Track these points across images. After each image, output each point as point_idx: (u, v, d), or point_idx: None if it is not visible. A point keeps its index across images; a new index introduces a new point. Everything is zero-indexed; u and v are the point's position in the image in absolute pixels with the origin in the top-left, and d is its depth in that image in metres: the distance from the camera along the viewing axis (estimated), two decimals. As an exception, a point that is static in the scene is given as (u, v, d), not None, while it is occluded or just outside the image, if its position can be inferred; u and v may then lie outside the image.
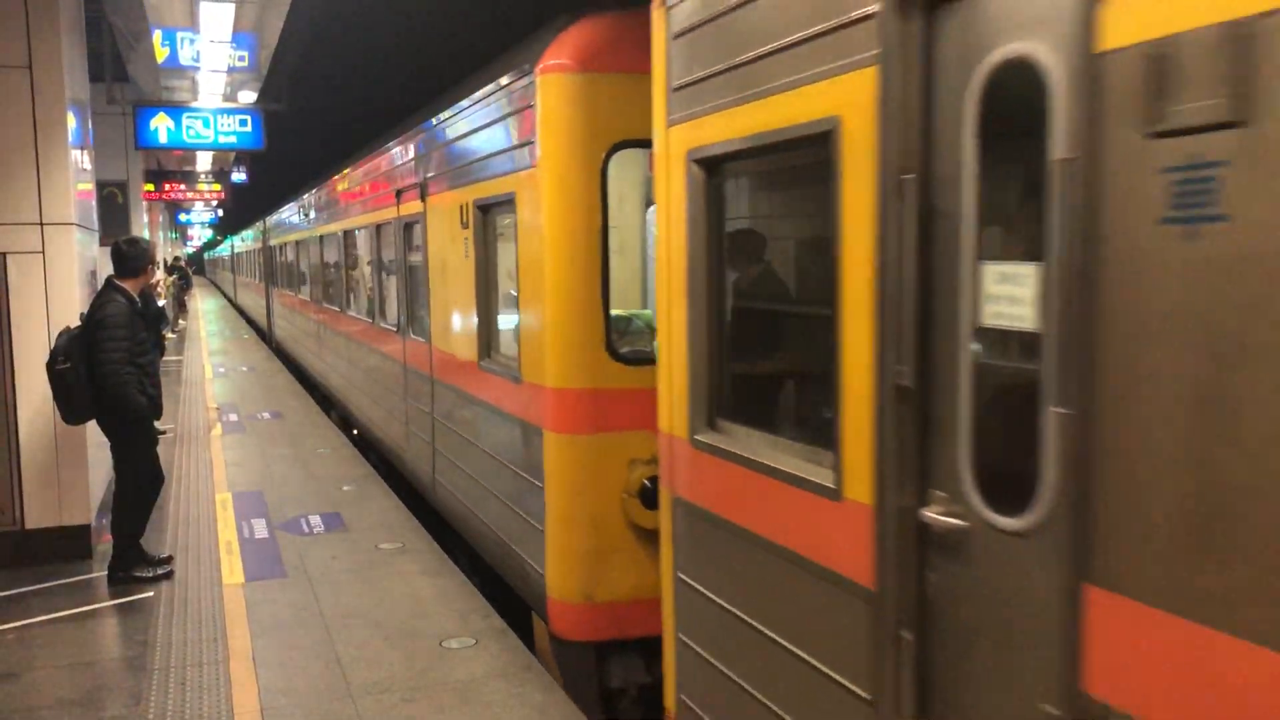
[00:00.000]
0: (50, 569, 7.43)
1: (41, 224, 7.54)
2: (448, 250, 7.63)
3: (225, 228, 59.16)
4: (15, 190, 7.46)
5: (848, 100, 2.99)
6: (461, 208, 7.16)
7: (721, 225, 3.99)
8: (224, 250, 58.30)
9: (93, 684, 5.58)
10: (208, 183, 24.61)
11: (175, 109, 12.73)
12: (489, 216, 6.78)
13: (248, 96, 14.12)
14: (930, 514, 2.77)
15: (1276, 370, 1.85)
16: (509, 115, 6.15)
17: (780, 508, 3.45)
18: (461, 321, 7.34)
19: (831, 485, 3.15)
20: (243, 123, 12.85)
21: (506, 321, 6.76)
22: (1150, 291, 2.09)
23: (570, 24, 5.54)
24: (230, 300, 47.44)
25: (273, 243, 23.25)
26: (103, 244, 9.57)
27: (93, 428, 7.46)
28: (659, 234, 4.35)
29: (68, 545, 7.65)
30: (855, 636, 3.04)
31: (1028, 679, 2.45)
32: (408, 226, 9.08)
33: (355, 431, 12.87)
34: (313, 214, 16.13)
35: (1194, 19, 1.97)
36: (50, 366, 6.84)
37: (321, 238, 15.03)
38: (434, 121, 8.01)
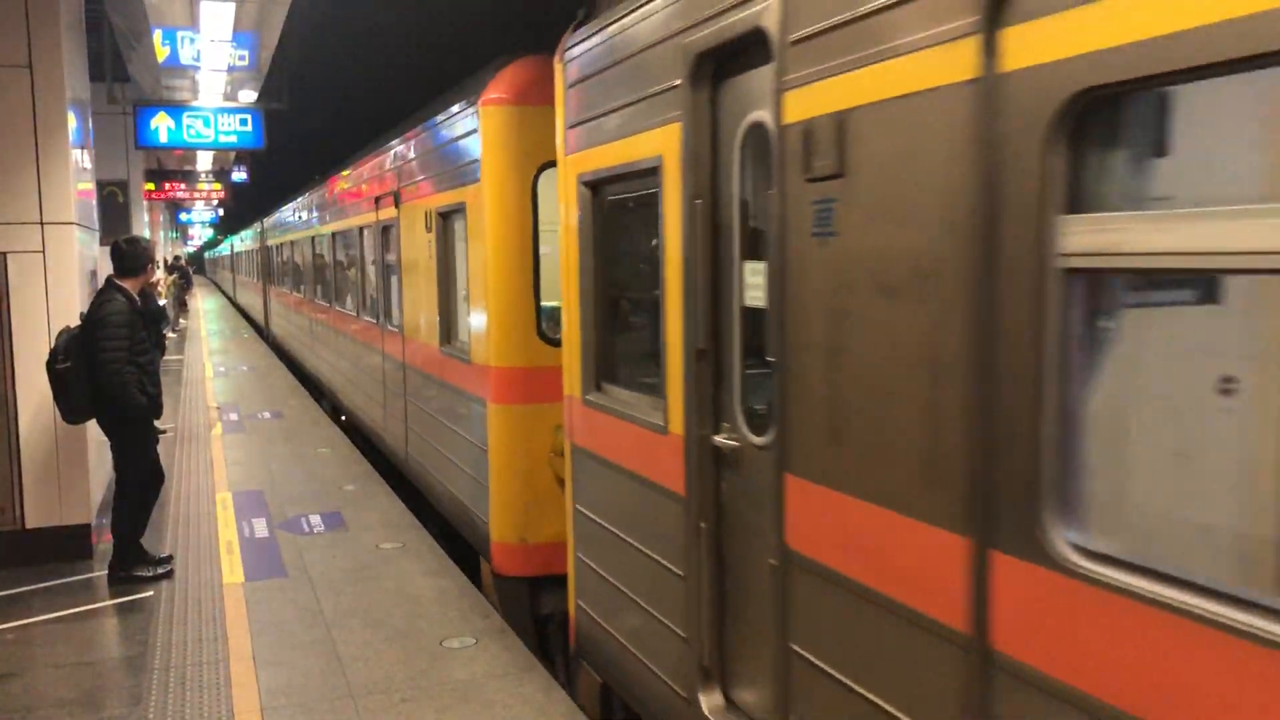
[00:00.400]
0: (50, 568, 7.43)
1: (42, 223, 7.54)
2: (416, 251, 8.84)
3: (226, 227, 59.17)
4: (15, 190, 7.46)
5: (665, 145, 4.10)
6: (426, 214, 8.36)
7: (603, 232, 5.01)
8: (224, 250, 59.90)
9: (92, 684, 5.58)
10: (208, 182, 24.59)
11: (176, 108, 12.72)
12: (447, 222, 7.93)
13: (248, 96, 14.10)
14: (719, 439, 3.89)
15: (864, 326, 2.93)
16: (460, 138, 7.32)
17: (633, 444, 4.56)
18: (427, 313, 8.55)
19: (661, 423, 4.25)
20: (243, 122, 12.84)
21: (461, 312, 7.80)
22: (806, 280, 3.18)
23: (507, 64, 6.77)
24: (230, 299, 48.61)
25: (270, 243, 24.71)
26: (103, 243, 9.57)
27: (93, 427, 7.46)
28: (561, 239, 5.42)
29: (68, 544, 7.65)
30: (675, 531, 4.15)
31: (766, 543, 3.52)
32: (385, 230, 10.24)
33: (344, 418, 13.95)
34: (305, 217, 17.33)
35: (821, 109, 3.04)
36: (50, 366, 6.84)
37: (313, 239, 16.25)
38: (404, 138, 9.32)
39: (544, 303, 6.59)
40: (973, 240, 2.48)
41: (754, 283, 3.63)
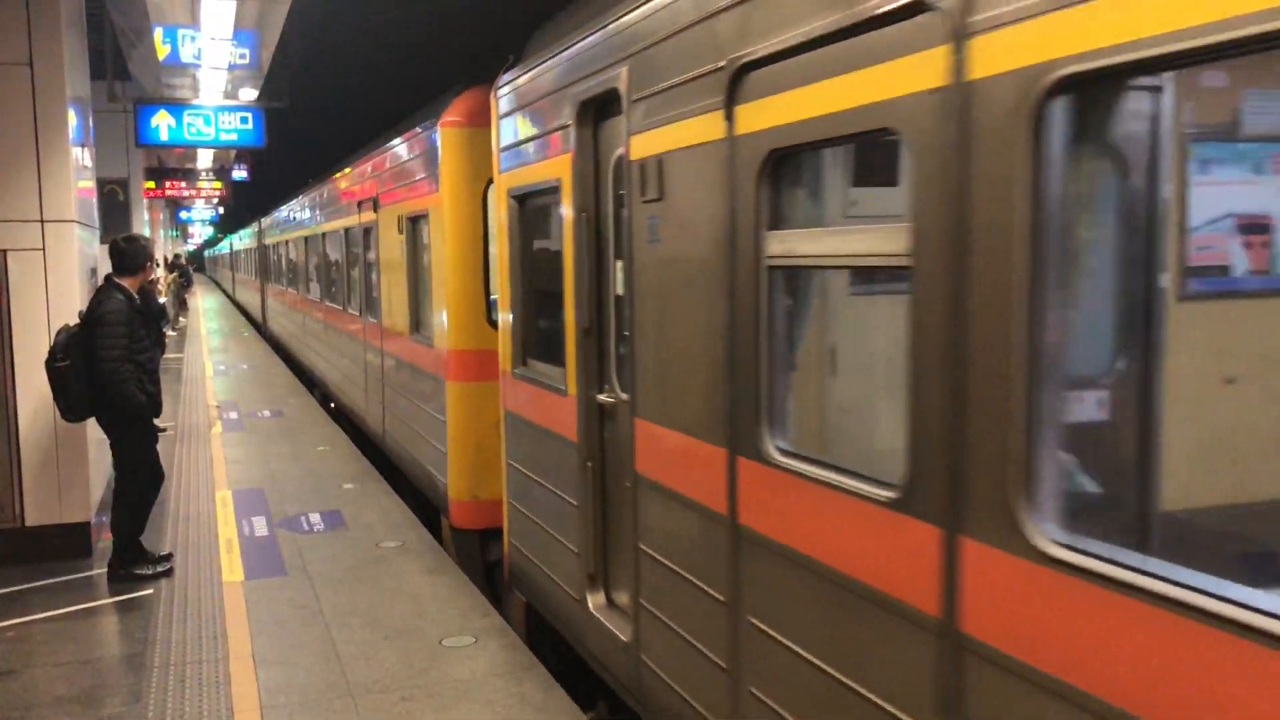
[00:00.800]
0: (50, 566, 7.43)
1: (42, 221, 7.54)
2: (390, 251, 10.06)
3: (226, 225, 59.15)
4: (16, 187, 7.45)
5: (563, 170, 5.22)
6: (399, 218, 9.52)
7: (525, 236, 6.17)
8: (223, 248, 61.15)
9: (92, 682, 5.58)
10: (208, 180, 24.57)
11: (176, 106, 12.70)
12: (415, 226, 9.07)
13: (249, 94, 14.09)
14: (601, 398, 4.97)
15: (675, 308, 4.02)
16: (424, 153, 8.50)
17: (545, 406, 5.64)
18: (399, 305, 9.77)
19: (562, 388, 5.31)
20: (244, 120, 12.82)
21: (426, 304, 8.87)
22: (643, 275, 4.32)
23: (463, 91, 7.86)
24: (229, 296, 49.34)
25: (267, 242, 26.10)
26: (103, 241, 9.56)
27: (93, 425, 7.46)
28: (497, 242, 6.66)
29: (67, 543, 7.64)
30: (571, 471, 5.21)
31: (627, 472, 4.57)
32: (366, 231, 11.45)
33: (333, 405, 15.00)
34: (298, 218, 18.63)
35: (651, 150, 4.16)
36: (49, 364, 6.84)
37: (305, 239, 17.49)
38: (381, 150, 10.49)
39: (494, 295, 7.47)
40: (725, 247, 3.64)
41: (619, 277, 4.67)
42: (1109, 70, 2.09)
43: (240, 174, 25.85)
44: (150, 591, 6.94)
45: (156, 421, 7.44)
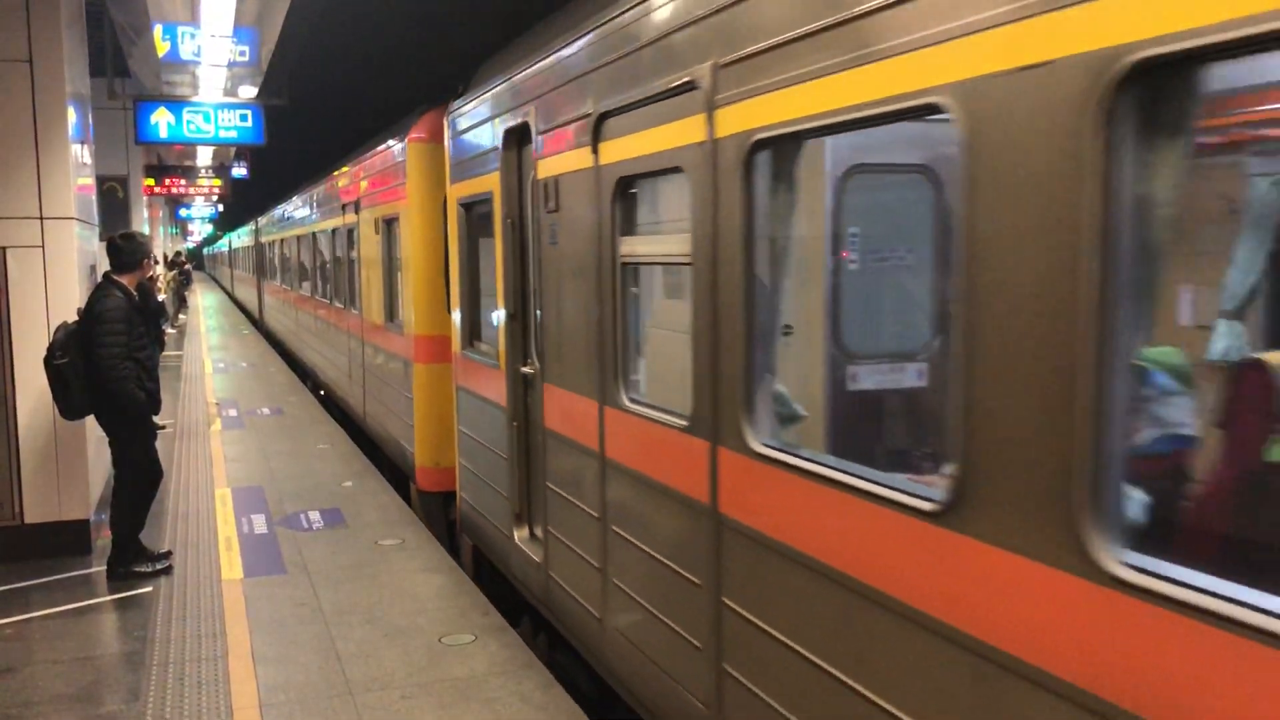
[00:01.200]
0: (49, 564, 7.43)
1: (41, 218, 7.53)
2: (369, 249, 11.30)
3: (226, 223, 59.12)
4: (15, 185, 7.44)
5: (494, 185, 6.44)
6: (376, 221, 10.83)
7: (471, 238, 7.41)
8: (222, 245, 62.29)
9: (91, 679, 5.57)
10: (208, 178, 24.53)
11: (176, 104, 12.68)
12: (389, 227, 10.26)
13: (248, 91, 14.08)
14: (524, 369, 6.08)
15: (567, 295, 5.20)
16: (395, 164, 9.77)
17: (483, 379, 6.91)
18: (376, 297, 11.04)
19: (496, 363, 6.56)
20: (243, 118, 12.79)
21: (397, 296, 10.19)
22: (547, 269, 5.48)
23: (427, 111, 9.10)
24: (228, 293, 50.34)
25: (263, 240, 27.68)
26: (103, 239, 9.55)
27: (92, 423, 7.45)
28: (450, 243, 7.86)
29: (67, 540, 7.64)
30: (503, 431, 6.40)
31: (539, 426, 5.73)
32: (349, 232, 12.72)
33: (322, 392, 16.23)
34: (291, 219, 20.07)
35: (550, 172, 5.30)
36: (48, 361, 6.83)
37: (298, 238, 18.84)
38: (361, 160, 11.82)
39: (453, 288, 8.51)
40: (596, 248, 4.79)
41: (537, 271, 5.81)
42: (785, 135, 3.36)
43: (240, 171, 25.80)
44: (149, 589, 6.93)
45: (156, 419, 7.43)
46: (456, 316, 7.56)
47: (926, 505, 2.72)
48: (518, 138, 6.08)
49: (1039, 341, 2.33)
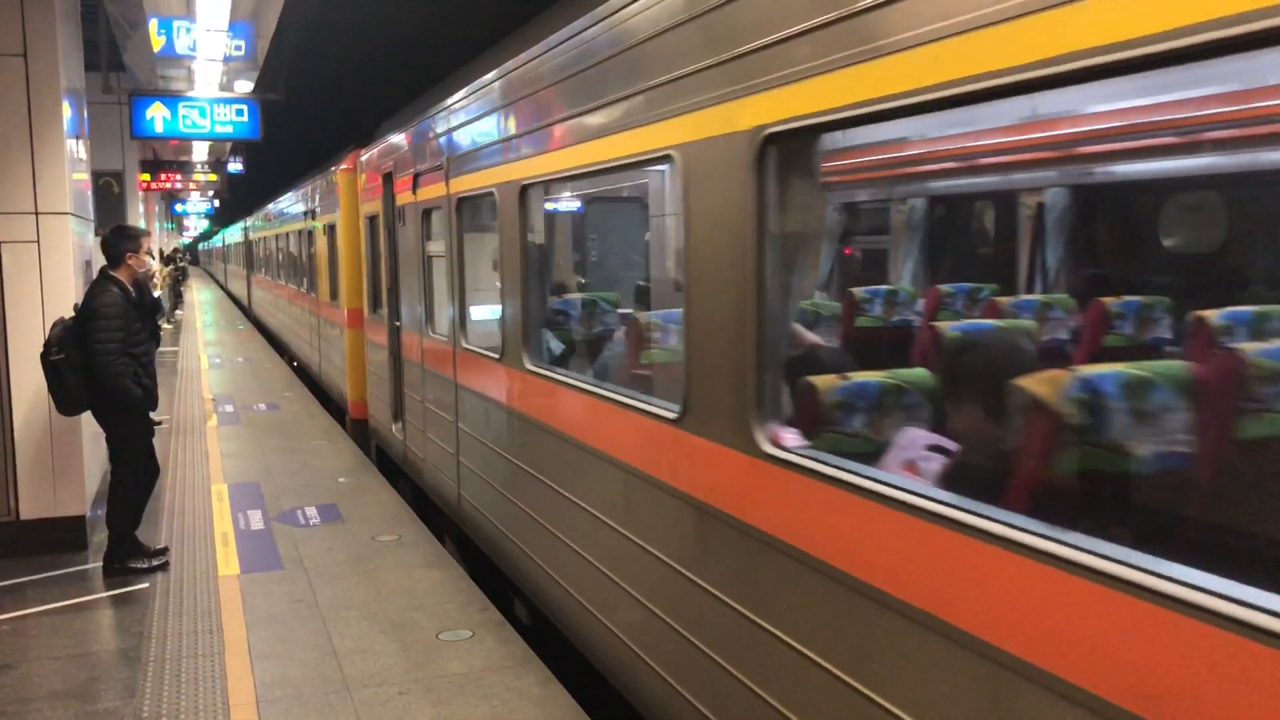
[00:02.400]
0: (45, 560, 7.41)
1: (36, 213, 7.50)
2: (320, 247, 15.42)
3: (222, 218, 59.00)
4: (10, 179, 7.41)
5: (379, 208, 10.35)
6: (324, 227, 14.84)
7: (376, 243, 10.77)
8: (217, 241, 66.50)
9: (87, 675, 5.56)
10: (204, 173, 24.47)
11: (171, 98, 12.63)
12: (331, 232, 14.06)
13: (244, 86, 14.04)
14: (396, 323, 9.78)
15: (408, 273, 9.18)
16: (331, 188, 13.80)
17: (376, 330, 10.91)
18: (324, 282, 15.01)
19: (383, 320, 10.36)
20: (239, 112, 12.74)
21: (336, 281, 13.67)
22: (401, 258, 9.53)
23: (352, 150, 12.63)
24: (221, 286, 54.14)
25: (251, 238, 32.43)
26: (98, 234, 9.51)
27: (88, 418, 7.43)
28: (361, 244, 11.92)
29: (63, 536, 7.62)
30: (385, 362, 10.31)
31: (401, 357, 9.78)
32: (309, 234, 16.96)
33: (295, 363, 20.04)
34: (273, 220, 24.57)
35: (399, 202, 9.46)
36: (44, 357, 6.81)
37: (277, 237, 23.28)
38: (314, 180, 16.28)
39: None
40: (416, 247, 8.47)
41: (400, 261, 9.63)
42: (478, 194, 6.76)
43: (236, 166, 25.75)
44: (146, 585, 6.92)
45: (152, 415, 7.41)
46: (366, 292, 11.72)
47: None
48: (389, 178, 9.92)
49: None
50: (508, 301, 6.24)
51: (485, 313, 7.36)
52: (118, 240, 7.24)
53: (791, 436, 3.51)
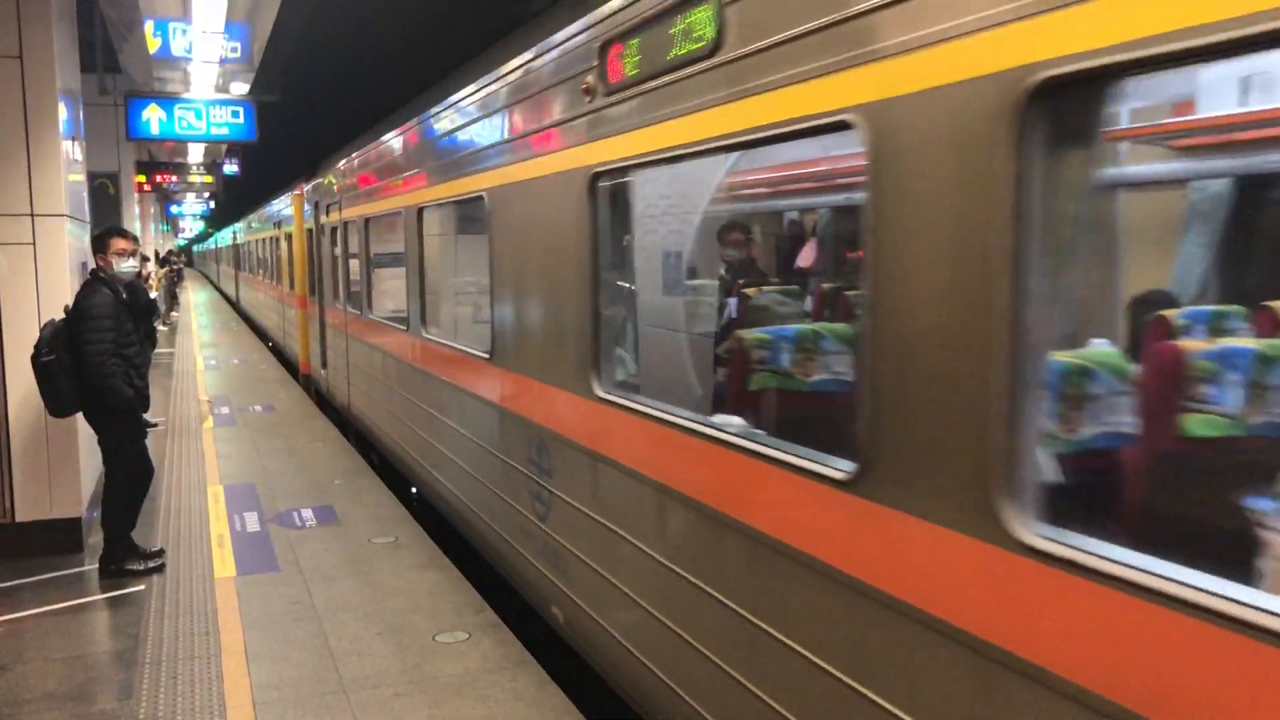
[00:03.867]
0: (41, 562, 7.40)
1: (32, 215, 7.48)
2: (283, 252, 19.83)
3: (218, 220, 58.98)
4: (5, 181, 7.39)
5: (314, 224, 15.75)
6: (284, 235, 19.43)
7: (313, 249, 15.86)
8: (211, 244, 68.82)
9: (83, 677, 5.55)
10: (200, 174, 24.43)
11: (167, 100, 12.64)
12: (290, 241, 18.28)
13: (240, 87, 14.05)
14: (333, 306, 14.15)
15: (331, 268, 14.19)
16: (289, 206, 18.03)
17: (312, 308, 16.13)
18: (287, 278, 19.03)
19: (314, 299, 15.71)
20: (235, 114, 12.76)
21: (293, 277, 17.73)
22: (325, 260, 14.64)
23: (302, 178, 16.62)
24: (214, 284, 57.89)
25: (237, 242, 38.07)
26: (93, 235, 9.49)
27: (83, 420, 7.41)
28: (307, 250, 17.10)
29: (58, 538, 7.61)
30: (318, 332, 15.58)
31: (342, 334, 13.08)
32: (276, 240, 21.60)
33: (270, 344, 23.93)
34: (253, 229, 29.86)
35: (332, 220, 13.54)
36: (35, 358, 6.78)
37: (258, 242, 27.89)
38: (280, 198, 20.94)
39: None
40: (333, 251, 13.40)
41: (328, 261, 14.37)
42: (360, 218, 11.28)
43: (232, 168, 25.71)
44: (142, 587, 6.91)
45: (148, 416, 7.40)
46: (308, 282, 16.38)
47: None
48: (315, 205, 14.55)
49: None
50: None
51: (356, 287, 11.96)
52: (99, 234, 7.27)
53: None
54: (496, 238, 6.38)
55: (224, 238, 48.99)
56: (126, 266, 7.17)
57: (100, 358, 6.71)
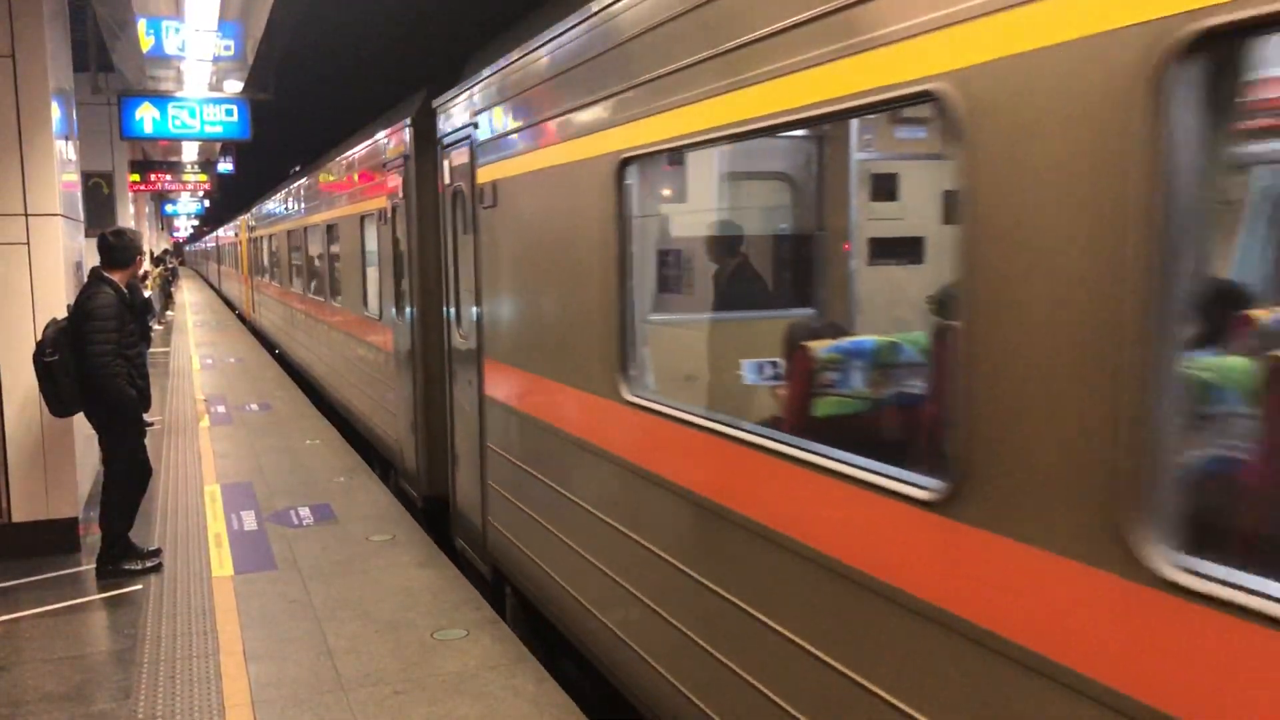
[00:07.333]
0: (38, 562, 7.39)
1: (26, 215, 7.47)
2: (259, 252, 24.96)
3: (212, 219, 58.90)
4: (-1, 181, 7.39)
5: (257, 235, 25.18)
6: (251, 241, 27.06)
7: (255, 249, 26.41)
8: (208, 242, 68.83)
9: (81, 678, 5.55)
10: (194, 173, 24.39)
11: (160, 99, 12.60)
12: (256, 245, 25.50)
13: (234, 86, 14.01)
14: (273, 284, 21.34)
15: (280, 261, 20.40)
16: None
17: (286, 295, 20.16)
18: (268, 274, 22.92)
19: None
20: (229, 113, 12.73)
21: (273, 273, 21.98)
22: (273, 254, 22.01)
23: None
24: (206, 280, 60.92)
25: (220, 244, 42.33)
26: (88, 235, 9.49)
27: (80, 420, 7.41)
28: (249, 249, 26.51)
29: (55, 538, 7.60)
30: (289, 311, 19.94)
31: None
32: (254, 242, 25.63)
33: (238, 311, 29.27)
34: (234, 234, 34.35)
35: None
36: (38, 358, 6.78)
37: (240, 243, 30.96)
38: (250, 212, 27.98)
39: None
40: (284, 257, 19.81)
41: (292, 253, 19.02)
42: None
43: (226, 167, 25.66)
44: (139, 587, 6.91)
45: (144, 416, 7.40)
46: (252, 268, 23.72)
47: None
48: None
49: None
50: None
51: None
52: (126, 244, 7.22)
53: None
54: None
55: (218, 238, 48.20)
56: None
57: (105, 358, 6.71)
